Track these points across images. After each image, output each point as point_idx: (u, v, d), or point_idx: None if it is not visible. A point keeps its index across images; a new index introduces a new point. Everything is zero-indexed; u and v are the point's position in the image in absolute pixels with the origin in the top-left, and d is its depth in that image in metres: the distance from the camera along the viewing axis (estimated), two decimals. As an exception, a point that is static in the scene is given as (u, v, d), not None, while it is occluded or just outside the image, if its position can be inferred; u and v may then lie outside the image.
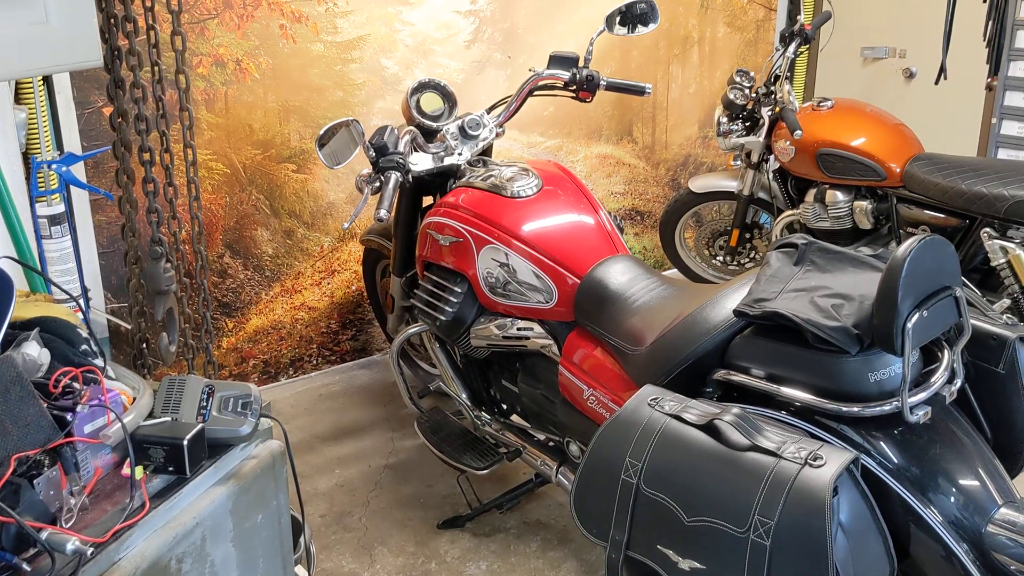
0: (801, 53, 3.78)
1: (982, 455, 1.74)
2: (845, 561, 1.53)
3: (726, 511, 1.56)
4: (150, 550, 1.13)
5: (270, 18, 3.20)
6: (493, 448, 2.66)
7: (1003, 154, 4.03)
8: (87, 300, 2.36)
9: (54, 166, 2.01)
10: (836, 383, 1.70)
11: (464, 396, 2.71)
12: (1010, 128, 3.98)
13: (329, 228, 3.54)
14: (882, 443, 1.71)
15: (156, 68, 1.98)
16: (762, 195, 3.83)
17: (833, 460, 1.52)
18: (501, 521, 2.71)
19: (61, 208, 2.03)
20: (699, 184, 3.98)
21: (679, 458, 1.65)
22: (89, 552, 1.06)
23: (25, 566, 1.02)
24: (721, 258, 4.10)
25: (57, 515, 1.11)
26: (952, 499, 1.67)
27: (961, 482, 1.69)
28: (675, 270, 4.23)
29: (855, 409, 1.68)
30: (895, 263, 1.58)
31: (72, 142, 2.77)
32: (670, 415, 1.71)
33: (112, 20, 1.81)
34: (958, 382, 1.73)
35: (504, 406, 2.74)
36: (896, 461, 1.69)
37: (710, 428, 1.65)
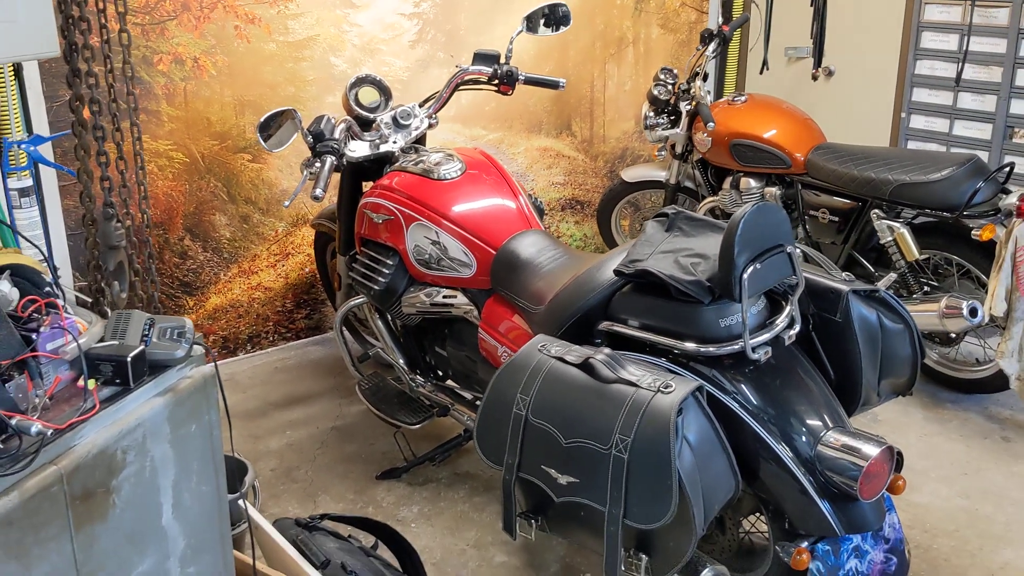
0: (716, 53, 4.07)
1: (819, 388, 2.05)
2: (692, 474, 1.82)
3: (594, 433, 1.86)
4: (100, 440, 1.41)
5: (225, 19, 3.48)
6: (426, 407, 2.95)
7: (912, 145, 4.36)
8: (56, 273, 2.64)
9: (23, 146, 2.29)
10: (693, 328, 2.01)
11: (401, 362, 3.00)
12: (917, 122, 4.32)
13: (283, 213, 3.82)
14: (740, 383, 2.02)
15: (108, 60, 2.31)
16: (688, 184, 4.14)
17: (681, 388, 1.83)
18: (434, 472, 3.00)
19: (29, 182, 2.31)
20: (631, 174, 4.29)
21: (560, 391, 1.95)
22: (50, 433, 1.34)
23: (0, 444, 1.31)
24: (653, 243, 4.40)
25: (25, 410, 1.40)
26: (790, 426, 1.98)
27: (798, 410, 2.00)
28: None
29: (710, 349, 1.99)
30: (732, 224, 1.88)
31: (41, 130, 3.04)
32: (554, 357, 2.01)
33: (70, 19, 2.13)
34: (797, 327, 2.04)
35: (439, 372, 3.03)
36: (748, 395, 2.00)
37: (586, 366, 1.95)
